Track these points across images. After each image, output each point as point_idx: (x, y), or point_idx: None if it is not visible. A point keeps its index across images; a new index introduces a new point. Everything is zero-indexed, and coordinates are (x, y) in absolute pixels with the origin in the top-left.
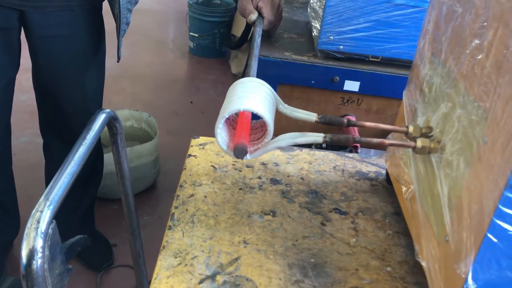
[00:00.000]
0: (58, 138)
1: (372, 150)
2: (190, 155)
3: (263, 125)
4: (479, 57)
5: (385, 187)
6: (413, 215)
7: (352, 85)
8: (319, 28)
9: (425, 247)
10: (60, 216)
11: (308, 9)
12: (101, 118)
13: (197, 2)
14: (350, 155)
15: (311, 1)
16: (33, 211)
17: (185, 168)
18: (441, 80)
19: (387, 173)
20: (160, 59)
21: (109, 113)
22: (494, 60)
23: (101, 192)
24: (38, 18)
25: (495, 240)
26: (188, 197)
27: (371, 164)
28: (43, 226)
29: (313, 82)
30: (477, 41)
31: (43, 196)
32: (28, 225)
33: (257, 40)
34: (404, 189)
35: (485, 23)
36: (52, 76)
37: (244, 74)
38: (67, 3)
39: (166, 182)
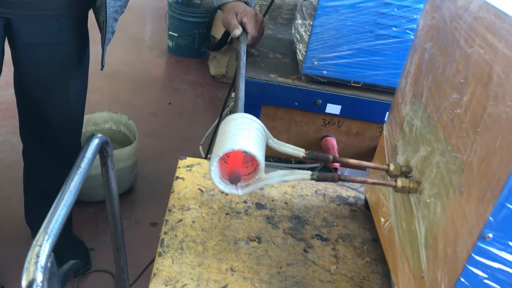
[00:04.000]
0: (39, 143)
1: (354, 170)
2: (177, 177)
3: (254, 159)
4: (457, 111)
5: (364, 212)
6: (390, 246)
7: (333, 108)
8: (304, 53)
9: (401, 280)
10: (39, 219)
11: (293, 29)
12: (94, 144)
13: (177, 2)
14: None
15: (296, 21)
16: (32, 244)
17: (173, 191)
18: (422, 124)
19: (365, 199)
20: (138, 57)
21: (101, 138)
22: (472, 117)
23: (79, 196)
24: (24, 26)
25: (467, 283)
26: (177, 222)
27: (350, 188)
28: (42, 260)
29: (296, 104)
30: (456, 95)
31: (41, 229)
32: (28, 259)
33: (243, 58)
34: (382, 220)
35: (464, 80)
36: (35, 83)
37: (229, 93)
38: (54, 12)
39: (143, 186)
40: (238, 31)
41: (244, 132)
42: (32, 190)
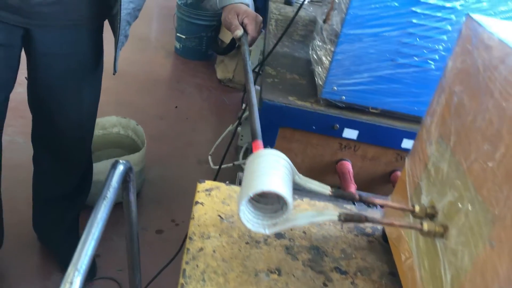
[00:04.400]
0: (49, 151)
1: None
2: (197, 203)
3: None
4: (490, 165)
5: (381, 244)
6: (411, 283)
7: (351, 133)
8: (323, 77)
9: None
10: (47, 225)
11: (310, 49)
12: (119, 172)
13: (186, 4)
14: (348, 206)
15: (315, 42)
16: (63, 280)
17: (192, 218)
18: (449, 168)
19: (383, 230)
20: (144, 57)
21: (126, 165)
22: (506, 172)
23: (88, 200)
24: (42, 36)
25: None
26: (198, 251)
27: None
28: None
29: (314, 127)
30: (488, 147)
31: (71, 266)
32: None
33: (248, 61)
34: (403, 257)
35: (498, 133)
36: (50, 92)
37: (243, 99)
38: (73, 22)
39: (149, 191)
40: (240, 32)
41: (273, 171)
42: (40, 196)
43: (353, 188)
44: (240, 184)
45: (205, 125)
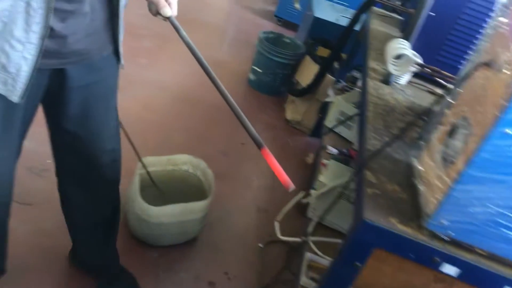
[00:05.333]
0: (75, 182)
1: None
2: None
3: None
4: None
5: None
6: None
7: (450, 269)
8: (431, 205)
9: None
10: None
11: (412, 157)
12: None
13: (267, 38)
14: None
15: (421, 155)
16: None
17: None
18: None
19: None
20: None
21: None
22: None
23: (145, 238)
24: (77, 71)
25: None
26: None
27: None
28: None
29: (411, 255)
30: None
31: None
32: None
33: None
34: None
35: None
36: (79, 122)
37: (315, 158)
38: (102, 50)
39: (208, 235)
40: (169, 11)
41: None
42: (73, 225)
43: None
44: None
45: (267, 169)
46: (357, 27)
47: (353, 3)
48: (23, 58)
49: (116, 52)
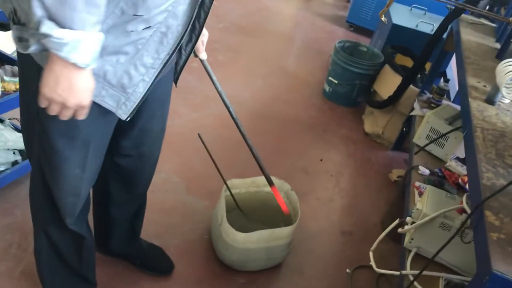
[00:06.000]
0: (121, 179)
1: None
2: None
3: None
4: None
5: None
6: None
7: None
8: None
9: None
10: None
11: None
12: None
13: (343, 48)
14: None
15: None
16: None
17: None
18: None
19: None
20: (290, 96)
21: None
22: None
23: (231, 263)
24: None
25: None
26: None
27: None
28: None
29: None
30: None
31: None
32: None
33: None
34: None
35: None
36: (147, 134)
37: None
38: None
39: (293, 260)
40: (205, 55)
41: None
42: (109, 220)
43: None
44: None
45: (350, 187)
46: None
47: (432, 7)
48: (142, 80)
49: None
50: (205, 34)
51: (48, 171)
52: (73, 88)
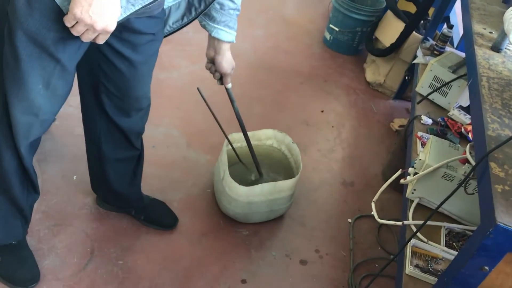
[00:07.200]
0: (117, 113)
1: None
2: None
3: None
4: None
5: None
6: None
7: None
8: None
9: None
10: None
11: None
12: None
13: None
14: None
15: None
16: None
17: None
18: None
19: None
20: (290, 45)
21: None
22: None
23: (235, 216)
24: (136, 22)
25: None
26: None
27: None
28: None
29: None
30: None
31: None
32: None
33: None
34: None
35: None
36: (134, 52)
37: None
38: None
39: (295, 211)
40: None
41: None
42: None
43: None
44: None
45: (351, 137)
46: None
47: None
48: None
49: None
50: (233, 67)
51: (10, 84)
52: (104, 12)
